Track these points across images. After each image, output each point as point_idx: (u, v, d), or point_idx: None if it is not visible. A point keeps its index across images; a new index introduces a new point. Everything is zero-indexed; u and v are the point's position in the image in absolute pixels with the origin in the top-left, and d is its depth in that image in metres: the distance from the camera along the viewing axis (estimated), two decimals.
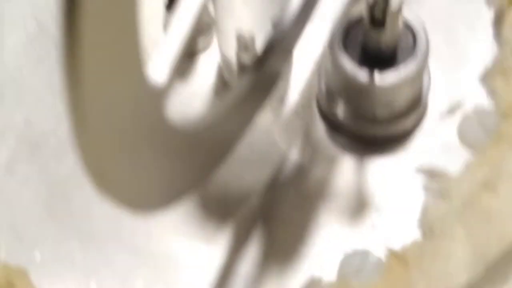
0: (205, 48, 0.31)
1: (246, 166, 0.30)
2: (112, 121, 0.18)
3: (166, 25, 0.32)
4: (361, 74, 0.28)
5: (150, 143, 0.21)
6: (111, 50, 0.17)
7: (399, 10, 0.27)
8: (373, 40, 0.28)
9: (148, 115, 0.20)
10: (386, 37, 0.28)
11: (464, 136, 0.29)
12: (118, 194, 0.20)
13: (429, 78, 0.29)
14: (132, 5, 0.17)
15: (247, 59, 0.28)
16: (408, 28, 0.29)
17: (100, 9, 0.16)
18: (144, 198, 0.22)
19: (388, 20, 0.27)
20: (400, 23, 0.28)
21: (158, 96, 0.20)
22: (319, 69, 0.30)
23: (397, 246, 0.28)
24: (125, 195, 0.20)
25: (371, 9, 0.27)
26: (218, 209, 0.29)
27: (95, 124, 0.17)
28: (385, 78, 0.28)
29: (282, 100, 0.31)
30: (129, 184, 0.21)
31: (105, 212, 0.25)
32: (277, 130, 0.30)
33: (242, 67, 0.28)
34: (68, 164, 0.31)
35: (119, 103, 0.18)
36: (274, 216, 0.29)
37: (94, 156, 0.18)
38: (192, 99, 0.31)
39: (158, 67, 0.20)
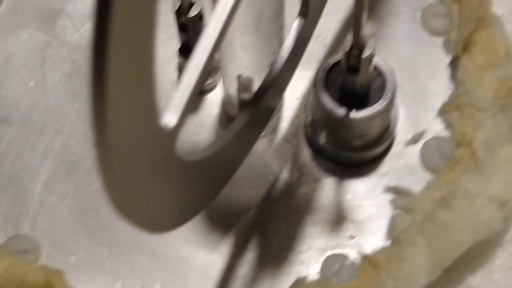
0: (212, 87, 0.32)
1: (245, 185, 0.30)
2: (130, 156, 0.18)
3: (177, 68, 0.32)
4: (339, 110, 0.28)
5: (162, 174, 0.21)
6: (132, 94, 0.17)
7: (371, 57, 0.27)
8: (349, 82, 0.28)
9: (161, 150, 0.20)
10: (360, 79, 0.28)
11: (425, 161, 0.31)
12: (136, 219, 0.20)
13: (396, 112, 0.30)
14: (150, 56, 0.18)
15: (246, 97, 0.28)
16: (379, 71, 0.29)
17: (125, 57, 0.16)
18: (158, 222, 0.22)
19: (362, 66, 0.27)
20: (372, 68, 0.28)
21: (169, 135, 0.20)
22: (305, 105, 0.31)
23: (369, 251, 0.29)
24: (142, 220, 0.20)
25: (347, 57, 0.27)
26: (221, 220, 0.30)
27: (116, 158, 0.18)
28: (359, 114, 0.28)
29: (275, 129, 0.32)
30: (145, 210, 0.21)
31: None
32: (271, 155, 0.31)
33: (242, 104, 0.29)
34: (98, 182, 0.27)
35: (137, 141, 0.19)
36: (267, 226, 0.30)
37: (115, 187, 0.18)
38: (201, 129, 0.31)
39: (170, 112, 0.20)
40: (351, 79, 0.28)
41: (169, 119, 0.20)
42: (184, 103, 0.20)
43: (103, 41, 0.15)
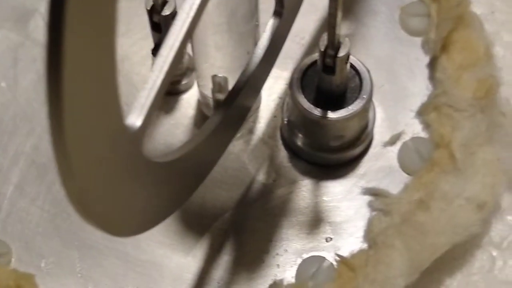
0: (188, 88, 0.32)
1: (220, 186, 0.30)
2: (93, 158, 0.18)
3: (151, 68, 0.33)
4: (316, 111, 0.28)
5: (130, 176, 0.21)
6: (92, 94, 0.17)
7: (346, 57, 0.27)
8: (326, 82, 0.28)
9: (127, 152, 0.20)
10: (336, 80, 0.28)
11: (403, 162, 0.31)
12: (101, 223, 0.20)
13: (374, 113, 0.30)
14: (111, 55, 0.18)
15: (221, 97, 0.28)
16: (355, 71, 0.29)
17: (82, 55, 0.16)
18: (126, 225, 0.22)
19: (337, 66, 0.27)
20: (348, 68, 0.28)
21: (135, 136, 0.20)
22: (282, 105, 0.31)
23: (346, 254, 0.29)
24: (109, 223, 0.20)
25: (323, 57, 0.27)
26: (196, 223, 0.30)
27: (77, 160, 0.17)
28: (336, 115, 0.28)
29: (251, 130, 0.32)
30: (112, 213, 0.21)
31: None
32: (247, 156, 0.31)
33: (217, 103, 0.28)
34: None
35: (100, 142, 0.19)
36: (243, 229, 0.30)
37: (77, 190, 0.18)
38: (176, 130, 0.32)
39: (135, 113, 0.20)
40: (327, 79, 0.28)
41: (134, 120, 0.20)
42: (150, 104, 0.20)
43: (58, 36, 0.15)
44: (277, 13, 0.28)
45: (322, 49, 0.27)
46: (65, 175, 0.17)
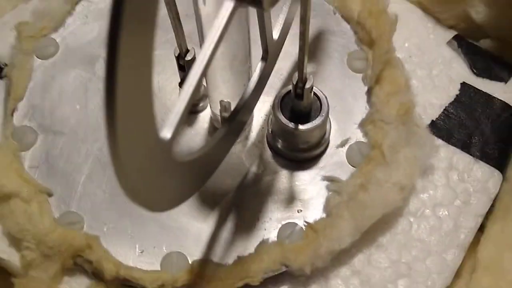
0: (203, 109, 0.32)
1: (225, 176, 0.30)
2: (138, 160, 0.18)
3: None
4: (290, 125, 0.28)
5: (163, 171, 0.20)
6: (136, 117, 0.17)
7: (311, 88, 0.27)
8: (297, 105, 0.28)
9: (161, 155, 0.20)
10: (304, 103, 0.28)
11: (349, 159, 0.30)
12: (143, 203, 0.19)
13: (330, 125, 0.30)
14: (150, 90, 0.17)
15: (226, 115, 0.28)
16: (317, 97, 0.29)
17: (130, 90, 0.16)
18: (160, 204, 0.22)
19: (305, 94, 0.27)
20: (312, 95, 0.28)
21: (166, 145, 0.20)
22: (267, 120, 0.31)
23: (311, 221, 0.29)
24: (148, 203, 0.20)
25: (295, 88, 0.27)
26: (209, 200, 0.30)
27: (126, 162, 0.17)
28: (304, 127, 0.28)
29: (246, 137, 0.31)
30: (150, 196, 0.20)
31: None
32: (243, 155, 0.31)
33: (223, 120, 0.28)
34: None
35: (143, 149, 0.18)
36: (242, 204, 0.30)
37: (127, 183, 0.18)
38: (196, 138, 0.31)
39: (167, 128, 0.20)
40: (298, 103, 0.28)
41: (166, 133, 0.19)
42: (177, 121, 0.20)
43: (112, 80, 0.15)
44: (264, 58, 0.27)
45: (294, 83, 0.27)
46: (118, 172, 0.17)
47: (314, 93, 0.28)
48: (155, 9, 0.16)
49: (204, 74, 0.20)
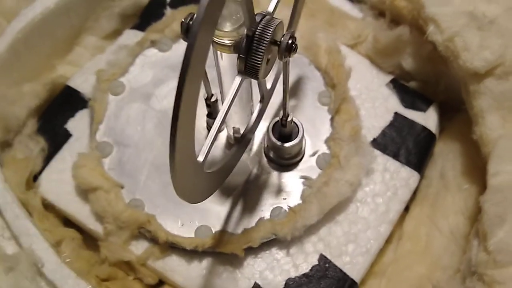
0: (222, 130, 0.31)
1: (236, 175, 0.30)
2: (185, 172, 0.18)
3: (206, 125, 0.32)
4: (278, 143, 0.30)
5: (199, 178, 0.21)
6: (186, 147, 0.17)
7: (291, 119, 0.29)
8: (282, 130, 0.30)
9: (197, 170, 0.20)
10: (287, 129, 0.29)
11: (318, 164, 0.32)
12: (186, 197, 0.20)
13: (305, 142, 0.31)
14: (193, 127, 0.17)
15: (237, 136, 0.29)
16: (296, 124, 0.30)
17: (184, 131, 0.16)
18: (196, 198, 0.22)
19: (287, 124, 0.29)
20: (292, 123, 0.29)
21: (200, 165, 0.20)
22: (264, 139, 0.31)
23: (292, 206, 0.30)
24: (189, 198, 0.20)
25: (281, 120, 0.29)
26: (225, 191, 0.30)
27: (179, 172, 0.17)
28: (287, 144, 0.30)
29: (250, 149, 0.32)
30: (190, 193, 0.20)
31: None
32: (248, 161, 0.32)
33: (235, 139, 0.29)
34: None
35: (188, 167, 0.18)
36: (246, 194, 0.31)
37: (178, 185, 0.18)
38: (217, 149, 0.32)
39: (201, 154, 0.20)
40: (283, 129, 0.30)
41: (201, 157, 0.21)
42: (206, 151, 0.21)
43: (176, 121, 0.16)
44: (261, 101, 0.29)
45: (280, 116, 0.29)
46: (174, 180, 0.18)
47: (294, 122, 0.30)
48: (203, 69, 0.17)
49: (224, 121, 0.22)
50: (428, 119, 0.34)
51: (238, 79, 0.22)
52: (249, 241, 0.28)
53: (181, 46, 0.34)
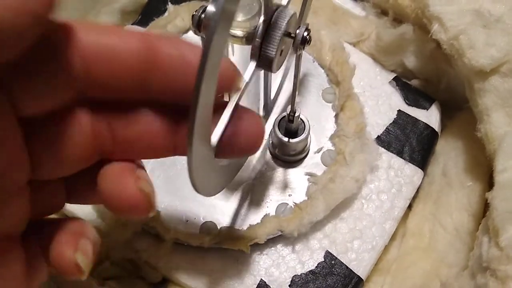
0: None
1: (243, 171, 0.30)
2: (201, 165, 0.17)
3: None
4: (284, 138, 0.29)
5: (211, 172, 0.20)
6: (203, 135, 0.16)
7: (298, 116, 0.28)
8: (289, 126, 0.29)
9: (210, 157, 0.19)
10: (294, 125, 0.29)
11: (323, 161, 0.31)
12: (200, 190, 0.19)
13: (310, 139, 0.31)
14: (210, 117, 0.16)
15: None
16: (302, 121, 0.30)
17: (201, 126, 0.15)
18: (209, 191, 0.21)
19: (294, 120, 0.29)
20: (299, 120, 0.29)
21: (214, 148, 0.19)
22: (270, 135, 0.31)
23: (298, 202, 0.29)
24: (203, 191, 0.19)
25: (288, 115, 0.29)
26: (232, 187, 0.30)
27: (196, 166, 0.17)
28: (293, 140, 0.29)
29: None
30: (203, 186, 0.19)
31: (190, 189, 0.19)
32: (255, 158, 0.31)
33: None
34: (177, 171, 0.30)
35: (205, 157, 0.18)
36: (253, 189, 0.30)
37: (194, 179, 0.17)
38: None
39: (213, 134, 0.18)
40: (289, 125, 0.29)
41: (213, 138, 0.19)
42: (221, 133, 0.19)
43: (193, 118, 0.15)
44: (264, 110, 0.28)
45: (288, 112, 0.29)
46: (190, 171, 0.17)
47: (300, 118, 0.29)
48: (220, 63, 0.15)
49: (237, 106, 0.20)
50: (431, 117, 0.33)
51: (252, 65, 0.21)
52: (255, 237, 0.28)
53: None
